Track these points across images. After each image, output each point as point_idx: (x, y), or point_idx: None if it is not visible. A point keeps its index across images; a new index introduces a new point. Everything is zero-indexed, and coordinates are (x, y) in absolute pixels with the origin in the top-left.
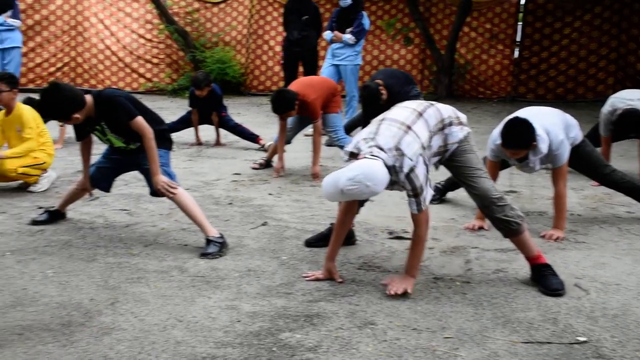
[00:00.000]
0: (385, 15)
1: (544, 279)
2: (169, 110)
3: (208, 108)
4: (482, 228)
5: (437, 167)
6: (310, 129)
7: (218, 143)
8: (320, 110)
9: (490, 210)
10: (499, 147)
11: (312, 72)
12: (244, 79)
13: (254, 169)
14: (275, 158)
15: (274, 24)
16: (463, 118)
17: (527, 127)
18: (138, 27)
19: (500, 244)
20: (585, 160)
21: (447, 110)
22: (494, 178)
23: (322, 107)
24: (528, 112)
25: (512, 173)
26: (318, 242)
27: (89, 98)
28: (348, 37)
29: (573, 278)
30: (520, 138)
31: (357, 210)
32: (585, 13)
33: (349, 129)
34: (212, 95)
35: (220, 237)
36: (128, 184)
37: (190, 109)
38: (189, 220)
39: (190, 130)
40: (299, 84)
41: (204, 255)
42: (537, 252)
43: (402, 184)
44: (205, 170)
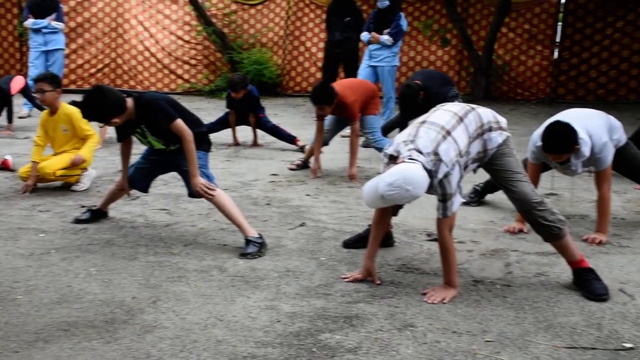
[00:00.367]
0: (422, 17)
1: (587, 284)
2: (206, 111)
3: (245, 109)
4: (522, 231)
5: (475, 171)
6: (347, 130)
7: (255, 144)
8: (359, 112)
9: (531, 215)
10: (540, 149)
11: (352, 74)
12: (281, 80)
13: (291, 170)
14: (312, 159)
15: (311, 25)
16: (503, 122)
17: (568, 131)
18: (177, 28)
19: (541, 247)
20: (629, 163)
21: (487, 115)
22: (535, 181)
23: (360, 109)
24: (570, 114)
25: (552, 175)
26: (356, 243)
27: (130, 102)
28: (386, 38)
29: (617, 283)
30: (562, 142)
31: (395, 212)
32: (628, 13)
33: (386, 131)
34: (249, 97)
35: (259, 237)
36: (167, 184)
37: (228, 110)
38: (228, 220)
39: (228, 131)
40: (339, 85)
41: (244, 255)
42: (579, 256)
43: (434, 188)
44: (243, 171)
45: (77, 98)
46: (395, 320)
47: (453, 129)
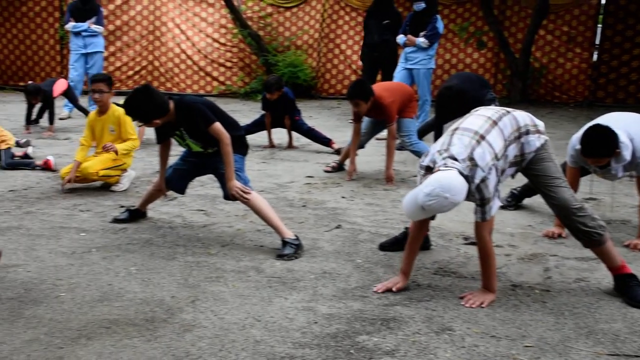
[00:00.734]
0: (459, 19)
1: (630, 290)
2: (241, 113)
3: (281, 111)
4: (560, 236)
5: (513, 176)
6: (383, 133)
7: (290, 146)
8: (396, 115)
9: (570, 221)
10: (578, 153)
11: (390, 77)
12: (315, 83)
13: (327, 172)
14: (348, 161)
15: (346, 28)
16: (541, 126)
17: (608, 134)
18: (213, 31)
19: (581, 253)
20: None
21: (523, 118)
22: (575, 185)
23: (398, 111)
24: (611, 117)
25: (592, 180)
26: (392, 246)
27: (172, 104)
28: (421, 40)
29: None
30: (602, 146)
31: (433, 216)
32: None
33: (422, 134)
34: (284, 99)
35: (296, 239)
36: (204, 185)
37: (264, 112)
38: (264, 222)
39: (264, 133)
40: (377, 87)
41: (280, 257)
42: (621, 262)
43: (472, 194)
44: (279, 173)
45: (119, 100)
46: (433, 324)
47: (487, 133)
